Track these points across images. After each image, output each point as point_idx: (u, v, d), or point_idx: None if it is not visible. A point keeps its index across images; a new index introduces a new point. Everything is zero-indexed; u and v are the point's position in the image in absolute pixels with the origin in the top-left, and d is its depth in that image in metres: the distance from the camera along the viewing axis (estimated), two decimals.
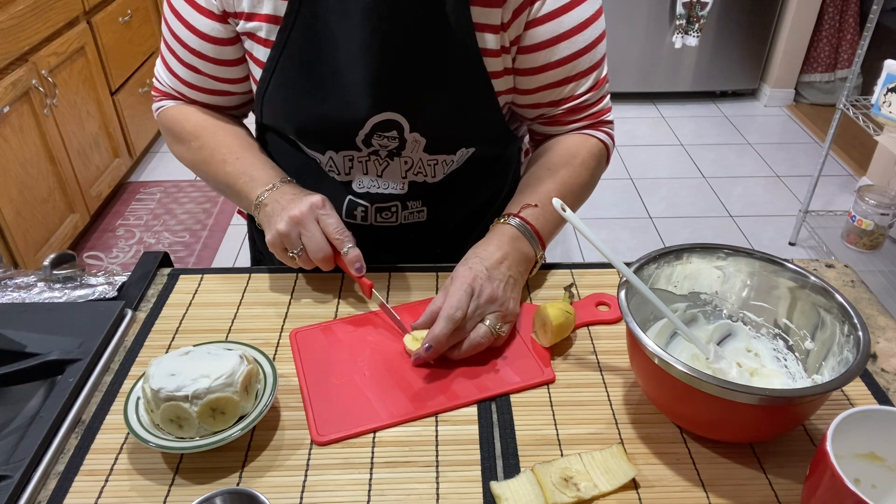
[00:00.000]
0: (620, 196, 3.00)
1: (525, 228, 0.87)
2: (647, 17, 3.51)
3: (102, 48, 2.73)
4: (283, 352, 0.81)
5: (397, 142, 0.91)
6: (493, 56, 0.86)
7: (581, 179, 0.94)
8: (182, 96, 0.97)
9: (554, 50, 0.87)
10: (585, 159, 0.94)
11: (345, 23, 0.82)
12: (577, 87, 0.91)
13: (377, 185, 0.96)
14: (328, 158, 0.94)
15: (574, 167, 0.93)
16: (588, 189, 0.97)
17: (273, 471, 0.67)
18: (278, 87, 0.88)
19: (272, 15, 0.84)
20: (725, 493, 0.65)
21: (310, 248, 0.82)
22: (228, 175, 0.91)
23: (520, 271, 0.85)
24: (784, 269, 0.75)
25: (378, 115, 0.87)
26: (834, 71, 3.64)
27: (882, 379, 0.78)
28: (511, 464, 0.68)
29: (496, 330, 0.79)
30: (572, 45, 0.87)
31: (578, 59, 0.89)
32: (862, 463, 0.61)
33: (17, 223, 2.17)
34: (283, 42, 0.85)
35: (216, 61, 0.91)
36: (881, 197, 2.38)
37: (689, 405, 0.66)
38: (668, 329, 0.77)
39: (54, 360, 0.78)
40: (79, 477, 0.67)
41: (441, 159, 0.94)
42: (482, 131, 0.95)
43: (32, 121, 2.28)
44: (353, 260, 0.83)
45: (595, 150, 0.96)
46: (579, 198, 0.95)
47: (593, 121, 0.96)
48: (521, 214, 0.88)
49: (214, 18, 0.87)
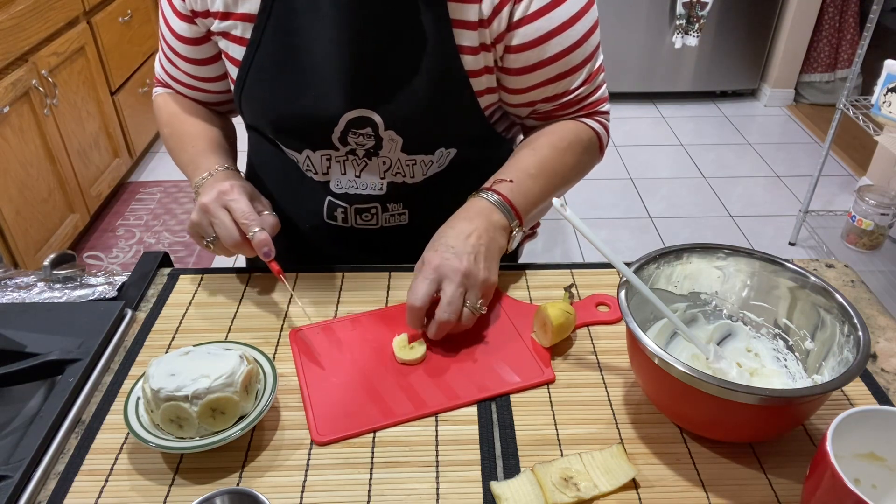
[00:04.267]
0: (620, 196, 3.00)
1: (498, 201, 0.86)
2: (647, 17, 3.51)
3: (102, 48, 2.73)
4: (283, 352, 0.81)
5: (373, 140, 0.90)
6: (472, 54, 0.85)
7: (565, 161, 0.92)
8: (171, 87, 1.02)
9: (545, 47, 0.85)
10: (572, 143, 0.93)
11: (317, 18, 0.83)
12: (571, 82, 0.90)
13: (356, 186, 0.96)
14: (305, 157, 0.95)
15: (559, 149, 0.92)
16: (573, 173, 0.95)
17: (273, 471, 0.67)
18: (254, 85, 0.89)
19: (247, 13, 0.86)
20: (725, 493, 0.65)
21: (221, 235, 0.81)
22: (183, 163, 0.95)
23: (492, 238, 0.83)
24: (784, 269, 0.75)
25: (351, 111, 0.87)
26: (834, 71, 3.64)
27: (882, 379, 0.78)
28: (511, 464, 0.68)
29: (477, 309, 0.79)
30: (564, 40, 0.85)
31: (571, 55, 0.87)
32: (862, 463, 0.61)
33: (17, 223, 2.17)
34: (257, 40, 0.86)
35: (189, 60, 0.95)
36: (881, 197, 2.38)
37: (689, 405, 0.66)
38: (668, 329, 0.77)
39: (54, 360, 0.78)
40: (79, 477, 0.67)
41: (419, 159, 0.93)
42: (462, 132, 0.93)
43: (32, 121, 2.28)
44: (259, 244, 0.80)
45: (584, 135, 0.94)
46: (564, 180, 0.93)
47: (587, 112, 0.95)
48: (493, 188, 0.87)
49: (184, 19, 0.90)
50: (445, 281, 0.78)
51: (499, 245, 0.84)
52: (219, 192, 0.82)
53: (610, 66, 3.69)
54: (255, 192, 0.87)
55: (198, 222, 0.82)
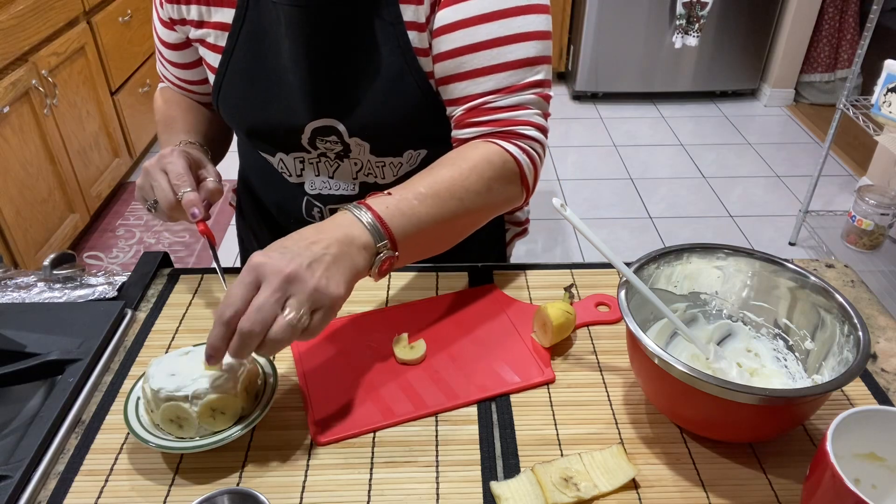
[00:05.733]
0: (620, 196, 3.00)
1: (365, 214, 0.71)
2: (647, 17, 3.51)
3: (102, 48, 2.73)
4: (283, 352, 0.81)
5: (340, 146, 0.91)
6: (425, 56, 0.84)
7: (467, 183, 0.78)
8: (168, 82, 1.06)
9: (445, 39, 0.81)
10: (477, 163, 0.80)
11: (278, 31, 0.84)
12: (476, 85, 0.82)
13: (329, 187, 0.97)
14: (279, 160, 0.96)
15: (460, 168, 0.79)
16: (480, 199, 0.80)
17: (273, 471, 0.67)
18: (228, 92, 0.91)
19: (221, 22, 0.88)
20: (725, 493, 0.65)
21: (158, 197, 0.81)
22: (160, 143, 0.97)
23: (344, 252, 0.67)
24: (784, 269, 0.75)
25: (315, 121, 0.89)
26: (834, 71, 3.64)
27: (882, 379, 0.78)
28: (511, 464, 0.68)
29: (299, 321, 0.62)
30: (466, 36, 0.80)
31: (472, 55, 0.80)
32: (862, 463, 0.61)
33: (17, 223, 2.17)
34: (231, 48, 0.88)
35: (174, 64, 0.99)
36: (881, 197, 2.38)
37: (689, 405, 0.66)
38: (668, 329, 0.77)
39: (54, 360, 0.78)
40: (79, 477, 0.67)
41: (388, 161, 0.94)
42: (428, 133, 0.92)
43: (32, 121, 2.28)
44: (188, 203, 0.79)
45: (495, 157, 0.81)
46: (464, 205, 0.78)
47: (500, 128, 0.83)
48: (365, 201, 0.74)
49: (165, 25, 0.93)
50: (263, 283, 0.63)
51: (352, 262, 0.68)
52: (160, 155, 0.83)
53: (610, 65, 3.70)
54: (201, 160, 0.86)
55: (141, 185, 0.83)
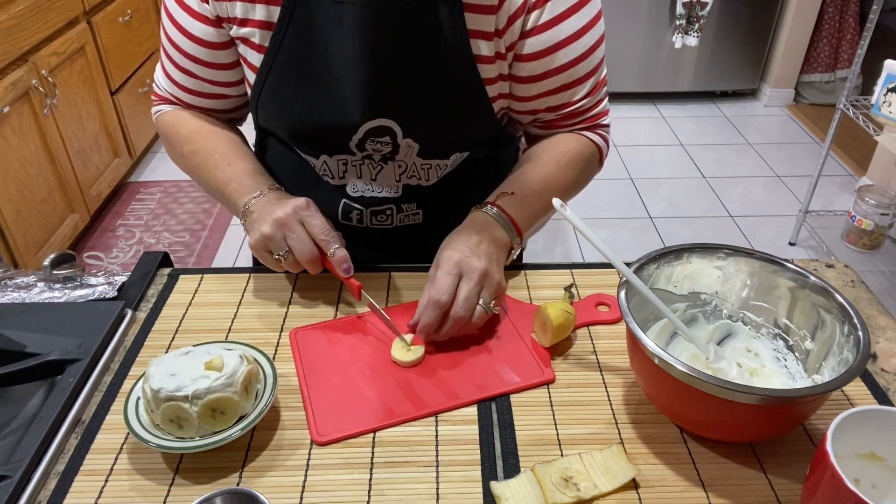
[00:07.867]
0: (620, 196, 3.00)
1: (499, 216, 0.87)
2: (647, 17, 3.51)
3: (102, 48, 2.73)
4: (283, 352, 0.81)
5: (390, 147, 0.91)
6: (488, 63, 0.86)
7: (567, 176, 0.94)
8: (179, 101, 0.97)
9: (552, 59, 0.86)
10: (574, 158, 0.94)
11: (337, 29, 0.82)
12: (574, 93, 0.91)
13: (371, 189, 0.96)
14: (322, 162, 0.95)
15: (561, 164, 0.93)
16: (574, 188, 0.96)
17: (273, 471, 0.67)
18: (272, 92, 0.89)
19: (265, 21, 0.84)
20: (725, 493, 0.65)
21: (296, 250, 0.81)
22: (219, 181, 0.91)
23: (498, 249, 0.84)
24: (784, 269, 0.75)
25: (371, 121, 0.88)
26: (834, 71, 3.64)
27: (882, 379, 0.78)
28: (511, 464, 0.68)
29: (490, 308, 0.80)
30: (570, 52, 0.86)
31: (576, 67, 0.88)
32: (862, 463, 0.61)
33: (17, 223, 2.17)
34: (276, 48, 0.85)
35: (211, 65, 0.91)
36: (881, 197, 2.38)
37: (689, 405, 0.66)
38: (668, 329, 0.77)
39: (54, 360, 0.78)
40: (79, 477, 0.67)
41: (435, 163, 0.95)
42: (477, 136, 0.95)
43: (32, 121, 2.28)
44: (340, 261, 0.82)
45: (586, 150, 0.95)
46: (564, 194, 0.93)
47: (589, 124, 0.96)
48: (497, 203, 0.89)
49: (208, 23, 0.87)
50: (464, 278, 0.79)
51: (502, 260, 0.85)
52: (295, 207, 0.82)
53: (610, 66, 3.65)
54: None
55: (271, 236, 0.81)
